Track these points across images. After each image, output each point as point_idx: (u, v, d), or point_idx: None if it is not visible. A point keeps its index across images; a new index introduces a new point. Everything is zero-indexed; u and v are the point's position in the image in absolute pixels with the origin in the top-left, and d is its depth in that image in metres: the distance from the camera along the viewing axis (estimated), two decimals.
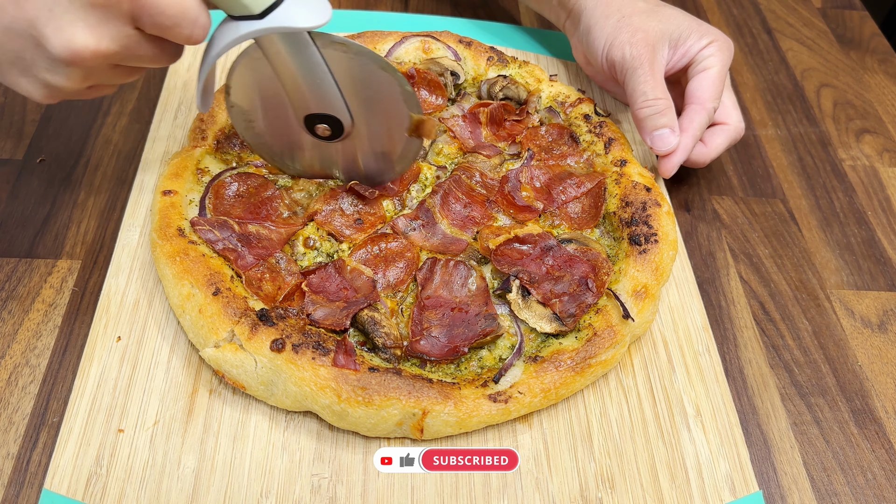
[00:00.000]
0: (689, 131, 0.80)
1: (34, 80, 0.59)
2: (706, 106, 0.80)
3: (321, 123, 0.70)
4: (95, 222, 0.80)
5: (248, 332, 0.63)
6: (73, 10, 0.54)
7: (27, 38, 0.56)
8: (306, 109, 0.69)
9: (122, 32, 0.56)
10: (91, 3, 0.54)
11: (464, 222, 0.76)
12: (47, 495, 0.60)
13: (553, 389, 0.64)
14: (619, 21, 0.82)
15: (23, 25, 0.55)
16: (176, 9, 0.55)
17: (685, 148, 0.80)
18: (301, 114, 0.70)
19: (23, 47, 0.57)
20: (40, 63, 0.58)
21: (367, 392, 0.60)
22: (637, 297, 0.69)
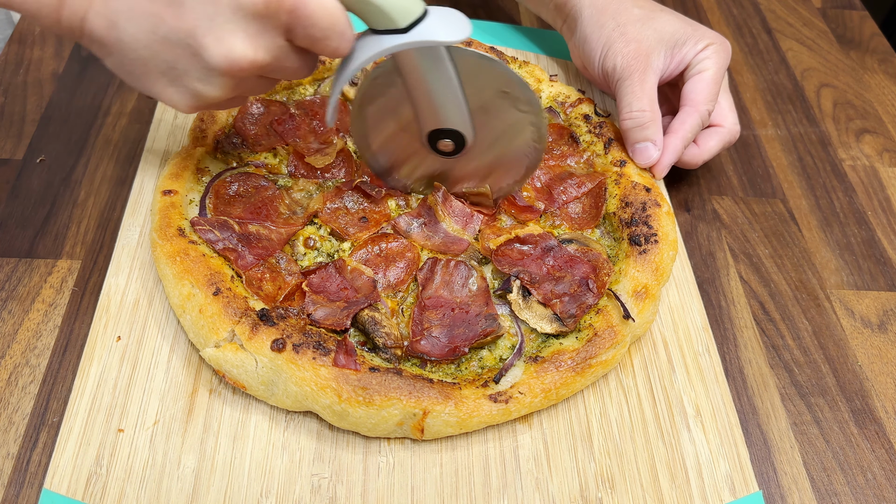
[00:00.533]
0: (678, 133, 0.80)
1: (183, 89, 0.59)
2: (699, 108, 0.80)
3: (445, 139, 0.70)
4: (95, 222, 0.80)
5: (249, 332, 0.63)
6: (234, 20, 0.54)
7: (184, 47, 0.55)
8: (434, 125, 0.69)
9: (276, 44, 0.57)
10: (253, 13, 0.54)
11: (466, 220, 0.76)
12: (47, 495, 0.60)
13: (553, 389, 0.64)
14: (613, 30, 0.81)
15: (181, 35, 0.55)
16: (328, 21, 0.56)
17: (674, 150, 0.80)
18: (427, 129, 0.70)
19: (177, 57, 0.56)
20: (193, 73, 0.57)
21: (368, 392, 0.60)
22: (637, 297, 0.69)
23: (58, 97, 0.93)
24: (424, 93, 0.66)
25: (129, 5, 0.55)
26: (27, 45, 0.99)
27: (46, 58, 0.98)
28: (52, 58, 0.98)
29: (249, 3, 0.53)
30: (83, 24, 0.56)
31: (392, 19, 0.58)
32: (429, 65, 0.63)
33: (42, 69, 0.96)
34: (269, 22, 0.55)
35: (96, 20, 0.56)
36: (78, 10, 0.56)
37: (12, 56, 0.98)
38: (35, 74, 0.96)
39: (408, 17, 0.59)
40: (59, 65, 0.97)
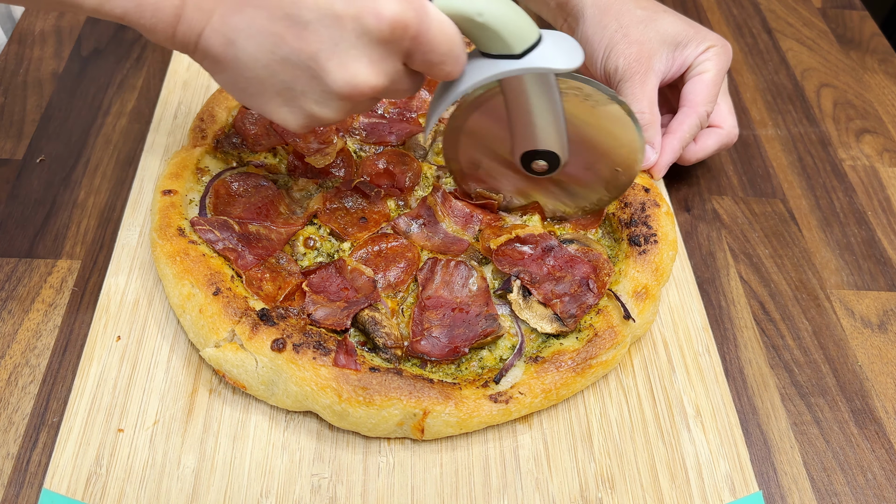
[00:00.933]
0: (676, 133, 0.80)
1: (297, 110, 0.58)
2: (698, 109, 0.80)
3: (539, 159, 0.70)
4: (95, 222, 0.80)
5: (249, 332, 0.63)
6: (359, 45, 0.54)
7: (304, 69, 0.55)
8: (531, 146, 0.69)
9: (394, 68, 0.56)
10: (378, 39, 0.53)
11: (466, 220, 0.76)
12: (47, 495, 0.60)
13: (554, 390, 0.64)
14: (616, 31, 0.81)
15: (302, 57, 0.54)
16: (446, 46, 0.56)
17: (672, 150, 0.80)
18: (523, 149, 0.70)
19: (295, 78, 0.56)
20: (311, 95, 0.57)
21: (368, 392, 0.60)
22: (637, 297, 0.69)
23: (58, 97, 0.93)
24: (526, 115, 0.66)
25: (249, 24, 0.54)
26: (27, 45, 0.99)
27: (46, 58, 0.98)
28: (52, 58, 0.98)
29: (375, 29, 0.53)
30: (199, 39, 0.56)
31: (508, 45, 0.58)
32: (536, 89, 0.63)
33: (42, 69, 0.96)
34: (391, 47, 0.55)
35: (213, 37, 0.55)
36: (195, 26, 0.55)
37: (12, 56, 0.98)
38: (35, 74, 0.96)
39: (524, 44, 0.59)
40: (59, 65, 0.97)
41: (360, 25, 0.53)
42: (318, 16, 0.52)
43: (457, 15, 0.56)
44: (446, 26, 0.55)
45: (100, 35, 1.02)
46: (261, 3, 0.53)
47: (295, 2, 0.52)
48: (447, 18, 0.56)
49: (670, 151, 0.80)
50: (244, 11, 0.54)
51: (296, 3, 0.52)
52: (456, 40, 0.56)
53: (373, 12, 0.52)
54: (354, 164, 0.81)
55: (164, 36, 0.56)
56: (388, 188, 0.79)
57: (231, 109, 0.82)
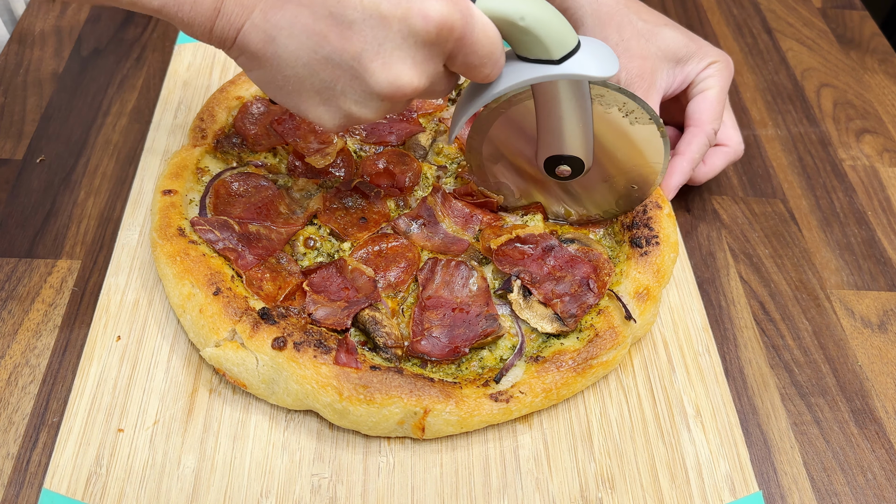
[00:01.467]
0: (686, 155, 0.79)
1: (335, 109, 0.58)
2: (705, 128, 0.79)
3: (563, 165, 0.70)
4: (95, 222, 0.80)
5: (250, 331, 0.63)
6: (404, 46, 0.53)
7: (346, 69, 0.54)
8: (556, 151, 0.69)
9: (435, 70, 0.56)
10: (423, 41, 0.53)
11: (466, 220, 0.76)
12: (47, 495, 0.60)
13: (554, 389, 0.64)
14: (617, 45, 0.80)
15: (345, 57, 0.53)
16: (488, 49, 0.56)
17: (682, 171, 0.79)
18: (548, 154, 0.69)
19: (336, 77, 0.55)
20: (351, 94, 0.56)
21: (369, 390, 0.60)
22: (639, 298, 0.69)
23: (58, 97, 0.93)
24: (556, 120, 0.66)
25: (291, 21, 0.53)
26: (27, 45, 1.00)
27: (46, 58, 0.98)
28: (52, 58, 0.98)
29: (422, 31, 0.52)
30: (238, 35, 0.55)
31: (548, 50, 0.58)
32: (570, 96, 0.63)
33: (42, 69, 0.96)
34: (435, 49, 0.54)
35: (253, 33, 0.54)
36: (235, 21, 0.54)
37: (12, 56, 0.98)
38: (35, 74, 0.96)
39: (563, 50, 0.59)
40: (59, 65, 0.97)
41: (406, 26, 0.52)
42: (363, 16, 0.52)
43: (499, 18, 0.56)
44: (489, 29, 0.55)
45: (100, 35, 1.02)
46: (304, 0, 0.52)
47: (340, 1, 0.52)
48: (489, 21, 0.55)
49: (680, 173, 0.79)
50: (286, 8, 0.53)
51: (341, 2, 0.52)
52: (497, 43, 0.56)
53: (420, 13, 0.52)
54: (354, 164, 0.81)
55: (202, 30, 0.55)
56: (388, 188, 0.79)
57: (231, 109, 0.82)
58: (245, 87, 0.84)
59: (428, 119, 0.86)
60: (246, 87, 0.84)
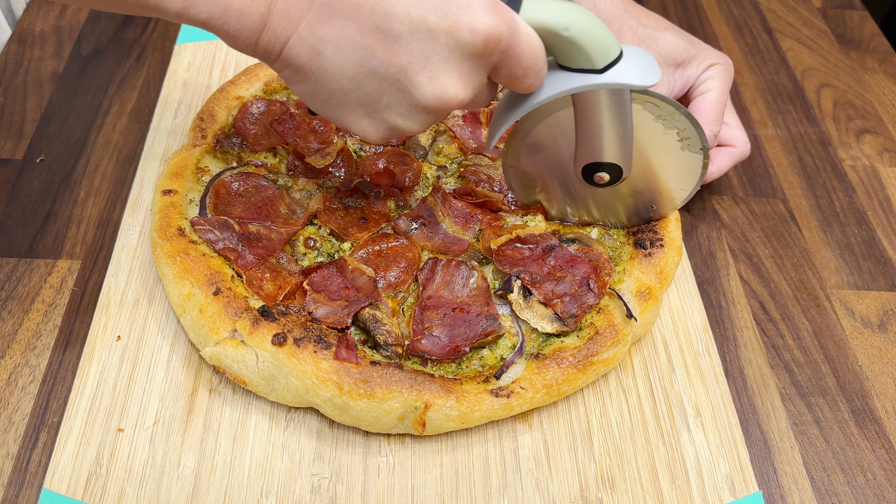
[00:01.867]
0: None
1: (379, 121, 0.57)
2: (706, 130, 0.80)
3: (602, 171, 0.70)
4: (95, 222, 0.80)
5: (250, 327, 0.63)
6: (450, 59, 0.53)
7: (392, 82, 0.54)
8: (595, 158, 0.68)
9: (480, 82, 0.56)
10: (470, 54, 0.53)
11: (466, 220, 0.76)
12: (47, 495, 0.60)
13: (555, 385, 0.64)
14: None
15: (391, 70, 0.53)
16: (532, 60, 0.55)
17: None
18: (586, 161, 0.69)
19: (382, 91, 0.55)
20: (396, 107, 0.56)
21: (369, 385, 0.60)
22: (640, 297, 0.69)
23: (58, 97, 0.93)
24: (596, 128, 0.65)
25: (338, 35, 0.52)
26: (27, 45, 1.00)
27: (46, 58, 0.98)
28: (52, 58, 0.98)
29: (469, 44, 0.52)
30: (283, 48, 0.55)
31: (591, 60, 0.58)
32: (611, 104, 0.63)
33: (42, 69, 0.96)
34: (481, 61, 0.54)
35: (299, 47, 0.54)
36: (281, 35, 0.54)
37: (12, 56, 0.98)
38: (35, 74, 0.96)
39: (606, 59, 0.58)
40: (59, 65, 0.97)
41: (453, 39, 0.52)
42: (410, 29, 0.51)
43: (543, 28, 0.56)
44: (533, 40, 0.55)
45: (100, 35, 1.02)
46: (351, 14, 0.52)
47: (387, 14, 0.51)
48: (534, 32, 0.55)
49: None
50: (333, 22, 0.52)
51: (388, 15, 0.51)
52: (541, 54, 0.56)
53: (468, 27, 0.51)
54: (354, 164, 0.81)
55: (247, 43, 0.55)
56: (388, 188, 0.79)
57: (231, 109, 0.82)
58: (245, 87, 0.84)
59: None
60: (246, 87, 0.84)
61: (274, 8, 0.53)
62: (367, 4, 0.51)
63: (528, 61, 0.55)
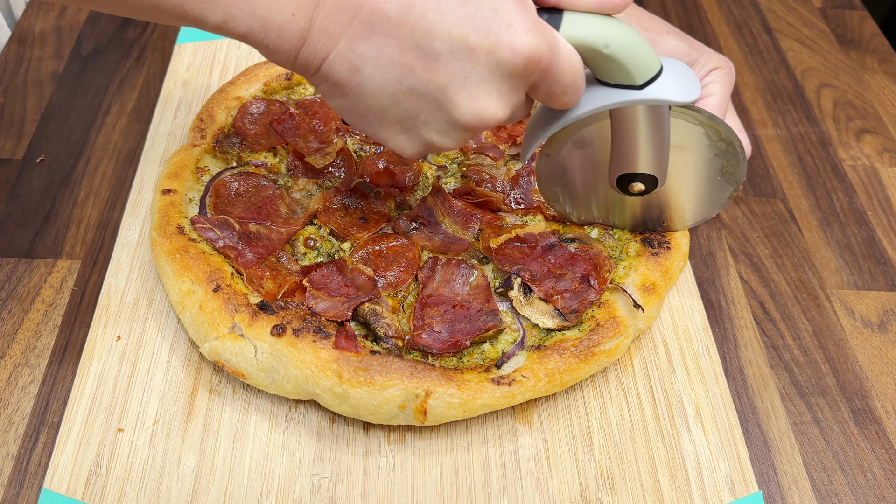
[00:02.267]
0: None
1: (416, 138, 0.57)
2: None
3: (636, 182, 0.69)
4: (95, 222, 0.80)
5: (249, 319, 0.63)
6: (490, 79, 0.53)
7: (430, 100, 0.54)
8: (630, 169, 0.68)
9: (518, 100, 0.56)
10: (510, 73, 0.53)
11: (466, 220, 0.76)
12: (47, 495, 0.60)
13: (557, 374, 0.63)
14: None
15: (430, 88, 0.53)
16: (571, 77, 0.55)
17: None
18: (622, 171, 0.69)
19: (420, 108, 0.55)
20: (433, 125, 0.56)
21: (369, 373, 0.60)
22: (645, 291, 0.69)
23: (58, 97, 0.93)
24: (633, 140, 0.65)
25: (377, 53, 0.52)
26: (27, 45, 1.00)
27: (46, 58, 0.98)
28: (52, 58, 0.98)
29: (510, 63, 0.52)
30: (322, 64, 0.54)
31: (632, 76, 0.58)
32: (649, 118, 0.63)
33: (42, 69, 0.96)
34: (521, 80, 0.54)
35: (338, 63, 0.54)
36: (320, 51, 0.53)
37: (12, 56, 0.98)
38: (35, 74, 0.96)
39: (646, 76, 0.58)
40: (59, 65, 0.97)
41: (493, 59, 0.52)
42: (450, 48, 0.51)
43: (583, 45, 0.55)
44: (573, 58, 0.55)
45: (100, 35, 1.02)
46: (391, 32, 0.51)
47: (427, 32, 0.51)
48: (574, 50, 0.55)
49: None
50: (373, 39, 0.52)
51: (428, 33, 0.51)
52: (581, 71, 0.56)
53: (508, 46, 0.51)
54: (354, 164, 0.81)
55: (286, 57, 0.55)
56: (388, 188, 0.79)
57: (231, 109, 0.82)
58: (244, 87, 0.84)
59: None
60: (245, 88, 0.84)
61: (314, 24, 0.53)
62: (408, 22, 0.51)
63: (568, 79, 0.55)
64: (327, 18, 0.52)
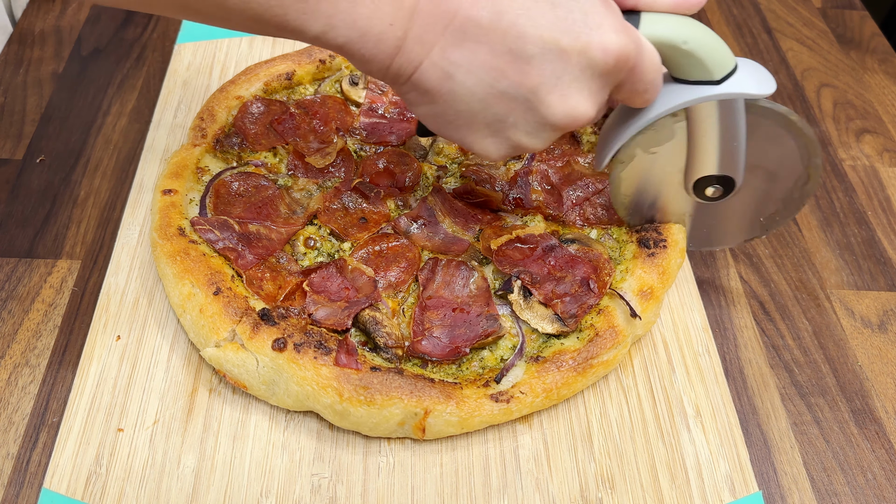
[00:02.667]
0: None
1: (504, 140, 0.58)
2: None
3: (713, 185, 0.69)
4: (95, 222, 0.80)
5: (250, 332, 0.63)
6: (582, 78, 0.54)
7: (521, 102, 0.55)
8: (707, 171, 0.68)
9: (603, 99, 0.57)
10: (601, 72, 0.54)
11: (466, 220, 0.76)
12: (47, 495, 0.60)
13: (555, 389, 0.64)
14: None
15: (522, 91, 0.54)
16: (653, 74, 0.56)
17: None
18: (699, 174, 0.68)
19: (510, 111, 0.56)
20: (523, 126, 0.57)
21: (370, 391, 0.60)
22: (642, 296, 0.69)
23: (58, 97, 0.93)
24: (711, 140, 0.65)
25: (469, 58, 0.53)
26: (27, 45, 1.00)
27: (46, 58, 0.98)
28: (52, 58, 0.98)
29: (601, 63, 0.53)
30: (415, 72, 0.55)
31: (710, 71, 0.59)
32: (726, 115, 0.63)
33: (42, 69, 0.96)
34: (609, 79, 0.55)
35: (431, 71, 0.55)
36: (414, 59, 0.54)
37: (12, 56, 0.98)
38: (35, 74, 0.96)
39: (723, 71, 0.59)
40: (59, 65, 0.97)
41: (585, 59, 0.53)
42: (542, 50, 0.52)
43: (661, 42, 0.57)
44: (655, 56, 0.56)
45: (100, 35, 1.02)
46: (483, 38, 0.53)
47: (519, 37, 0.52)
48: (653, 47, 0.56)
49: None
50: (466, 46, 0.53)
51: (520, 37, 0.52)
52: (660, 68, 0.57)
53: (600, 46, 0.52)
54: (354, 164, 0.81)
55: (379, 66, 0.55)
56: (388, 188, 0.79)
57: (231, 109, 0.82)
58: (245, 86, 0.84)
59: None
60: (246, 87, 0.84)
61: (409, 33, 0.53)
62: (500, 28, 0.52)
63: (650, 76, 0.56)
64: (422, 27, 0.53)
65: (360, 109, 0.86)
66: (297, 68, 0.87)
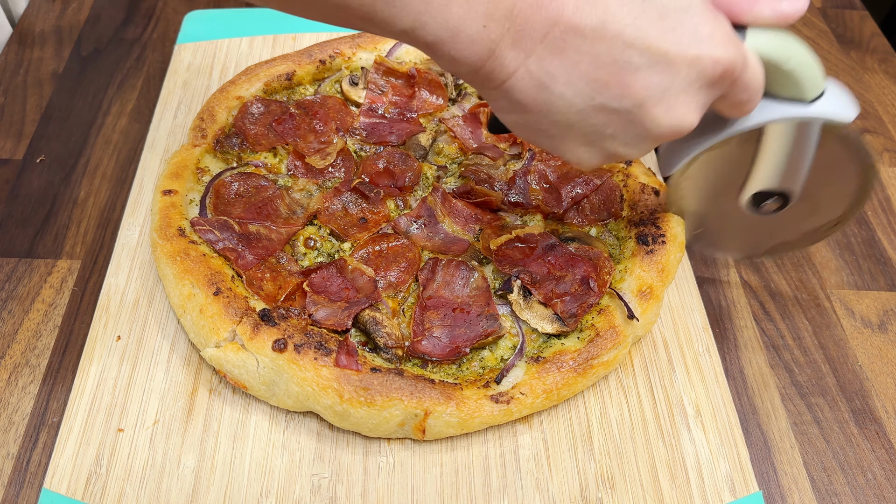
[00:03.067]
0: None
1: (599, 150, 0.57)
2: None
3: (770, 199, 0.69)
4: (95, 222, 0.80)
5: (250, 332, 0.63)
6: (689, 90, 0.53)
7: (622, 114, 0.53)
8: (769, 186, 0.68)
9: (706, 108, 0.56)
10: (708, 83, 0.53)
11: (466, 220, 0.76)
12: (47, 495, 0.60)
13: (555, 390, 0.64)
14: None
15: (625, 103, 0.52)
16: (755, 87, 0.56)
17: None
18: (756, 188, 0.68)
19: (609, 122, 0.54)
20: (622, 137, 0.55)
21: (370, 393, 0.60)
22: (642, 296, 0.69)
23: (58, 97, 0.93)
24: (776, 157, 0.65)
25: (569, 69, 0.51)
26: (27, 45, 1.00)
27: (46, 58, 0.98)
28: (52, 58, 0.98)
29: (710, 74, 0.52)
30: (508, 79, 0.52)
31: (804, 91, 0.59)
32: (802, 134, 0.63)
33: (42, 69, 0.96)
34: (715, 90, 0.54)
35: (526, 80, 0.52)
36: (508, 65, 0.51)
37: (12, 56, 0.98)
38: (35, 74, 0.96)
39: (816, 91, 0.60)
40: (59, 65, 0.97)
41: (694, 71, 0.52)
42: (649, 62, 0.51)
43: (765, 58, 0.56)
44: (758, 68, 0.55)
45: (100, 35, 1.02)
46: (585, 48, 0.50)
47: (625, 48, 0.50)
48: (757, 59, 0.55)
49: None
50: (565, 55, 0.51)
51: (626, 49, 0.50)
52: (762, 81, 0.56)
53: (710, 58, 0.51)
54: (354, 164, 0.81)
55: (469, 69, 0.52)
56: (388, 188, 0.79)
57: (231, 109, 0.82)
58: (245, 86, 0.84)
59: (428, 119, 0.86)
60: (246, 87, 0.84)
61: (505, 38, 0.50)
62: (605, 38, 0.50)
63: (753, 89, 0.56)
64: (519, 32, 0.50)
65: (360, 109, 0.86)
66: (297, 69, 0.87)
